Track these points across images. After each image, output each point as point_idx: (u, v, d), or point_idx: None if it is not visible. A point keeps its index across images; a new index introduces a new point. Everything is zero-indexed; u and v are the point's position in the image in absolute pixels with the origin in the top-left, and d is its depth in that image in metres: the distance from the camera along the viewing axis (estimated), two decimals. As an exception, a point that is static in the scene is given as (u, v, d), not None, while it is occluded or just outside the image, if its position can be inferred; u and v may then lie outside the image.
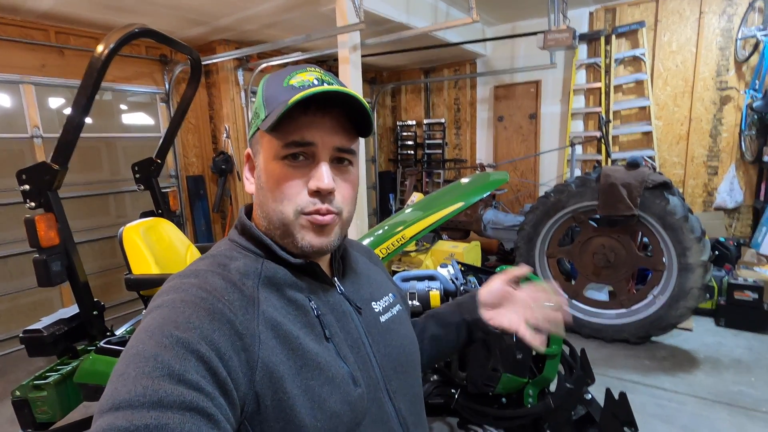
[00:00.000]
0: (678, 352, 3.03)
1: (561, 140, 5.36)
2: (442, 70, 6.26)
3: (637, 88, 4.86)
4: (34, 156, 3.49)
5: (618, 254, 3.13)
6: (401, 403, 0.67)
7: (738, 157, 4.45)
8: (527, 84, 5.54)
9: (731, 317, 3.31)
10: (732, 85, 4.39)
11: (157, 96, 4.40)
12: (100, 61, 1.68)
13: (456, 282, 1.67)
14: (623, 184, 2.89)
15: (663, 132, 4.79)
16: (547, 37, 3.81)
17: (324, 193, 0.60)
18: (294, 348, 0.56)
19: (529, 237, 3.37)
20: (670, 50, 4.65)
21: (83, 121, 1.76)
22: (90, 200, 3.94)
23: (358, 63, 3.44)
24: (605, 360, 2.95)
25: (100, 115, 3.99)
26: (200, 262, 0.62)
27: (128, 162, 3.92)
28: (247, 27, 4.04)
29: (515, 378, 1.57)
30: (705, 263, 2.82)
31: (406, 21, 3.93)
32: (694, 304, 2.88)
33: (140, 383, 0.43)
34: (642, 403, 2.46)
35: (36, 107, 3.50)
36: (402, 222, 2.23)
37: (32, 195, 1.79)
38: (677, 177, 4.76)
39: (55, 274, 1.79)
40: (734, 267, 3.72)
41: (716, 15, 4.37)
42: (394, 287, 0.82)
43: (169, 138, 2.51)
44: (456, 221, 4.39)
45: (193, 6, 3.40)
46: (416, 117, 6.63)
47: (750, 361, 2.87)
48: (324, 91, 0.57)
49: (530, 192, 5.71)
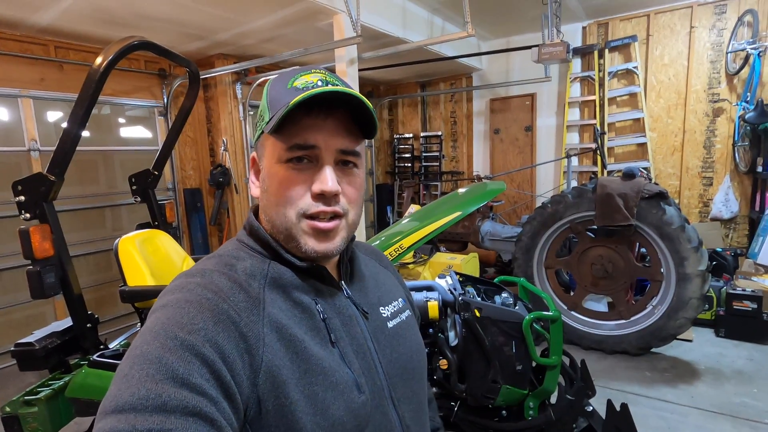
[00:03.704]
0: (679, 364, 3.00)
1: (557, 152, 5.41)
2: (438, 83, 6.33)
3: (631, 101, 4.92)
4: (31, 169, 3.49)
5: (616, 265, 3.12)
6: (405, 410, 0.66)
7: (732, 168, 4.49)
8: (523, 97, 5.61)
9: (731, 328, 3.29)
10: (724, 98, 4.46)
11: (155, 110, 4.43)
12: (99, 73, 1.69)
13: (454, 293, 1.66)
14: (620, 195, 2.91)
15: (657, 143, 4.84)
16: (542, 51, 3.87)
17: (328, 196, 0.59)
18: (298, 352, 0.55)
19: (527, 248, 3.36)
20: (663, 63, 4.73)
21: (80, 132, 1.76)
22: (86, 213, 3.92)
23: (355, 76, 3.47)
24: (606, 371, 2.92)
25: (98, 128, 4.00)
26: (207, 261, 0.61)
27: (125, 175, 3.91)
28: (245, 41, 4.09)
29: (515, 390, 1.55)
30: (703, 273, 2.82)
31: (402, 35, 3.99)
32: (693, 314, 2.86)
33: (144, 386, 0.43)
34: (644, 415, 2.42)
35: (34, 121, 3.51)
36: (400, 232, 2.22)
37: (27, 206, 1.78)
38: (673, 188, 4.79)
39: (49, 286, 1.77)
40: (732, 277, 3.72)
41: (706, 29, 4.46)
42: (404, 292, 0.81)
43: (167, 150, 2.52)
44: (454, 233, 4.39)
45: (192, 21, 3.44)
46: (413, 130, 6.68)
47: (751, 371, 2.84)
48: (325, 92, 0.56)
49: (527, 203, 5.73)
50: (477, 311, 1.55)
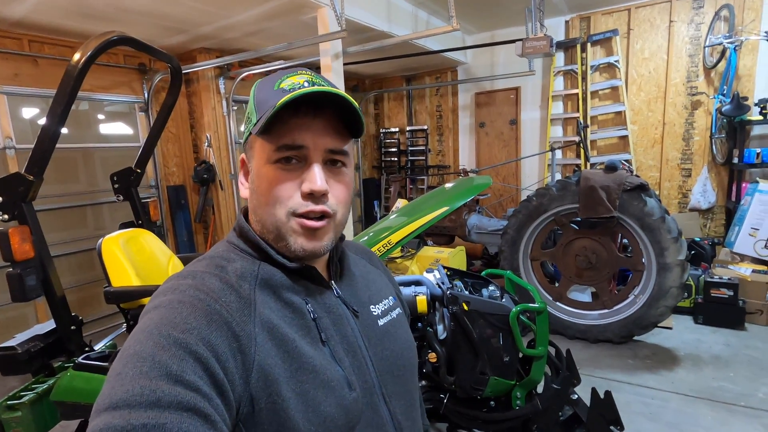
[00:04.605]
0: (660, 351, 3.10)
1: (541, 145, 5.47)
2: (423, 77, 6.33)
3: (613, 94, 5.00)
4: (7, 168, 3.38)
5: (599, 255, 3.19)
6: (397, 407, 0.67)
7: (710, 160, 4.61)
8: (507, 91, 5.65)
9: (709, 315, 3.41)
10: (702, 91, 4.56)
11: (135, 105, 4.32)
12: (77, 69, 1.64)
13: (442, 286, 1.68)
14: (602, 187, 2.96)
15: (638, 136, 4.94)
16: (526, 45, 3.90)
17: (317, 195, 0.60)
18: (289, 351, 0.56)
19: (513, 240, 3.41)
20: (643, 57, 4.81)
21: (59, 130, 1.71)
22: (67, 212, 3.82)
23: (340, 71, 3.45)
24: (590, 360, 2.99)
25: (77, 125, 3.90)
26: (198, 263, 0.62)
27: (106, 173, 3.84)
28: (228, 35, 4.01)
29: (503, 381, 1.58)
30: (682, 262, 2.90)
31: (387, 29, 3.97)
32: (673, 302, 2.95)
33: (138, 383, 0.43)
34: (627, 401, 2.50)
35: (8, 117, 3.39)
36: (388, 228, 2.23)
37: (5, 207, 1.73)
38: (653, 179, 4.90)
39: (30, 289, 1.73)
40: (710, 266, 3.84)
41: (685, 23, 4.55)
42: (394, 290, 0.82)
43: (149, 147, 2.47)
44: (441, 226, 4.42)
45: (173, 14, 3.36)
46: (399, 124, 6.68)
47: (728, 356, 2.95)
48: (312, 92, 0.57)
49: (513, 196, 5.79)
50: (465, 305, 1.58)
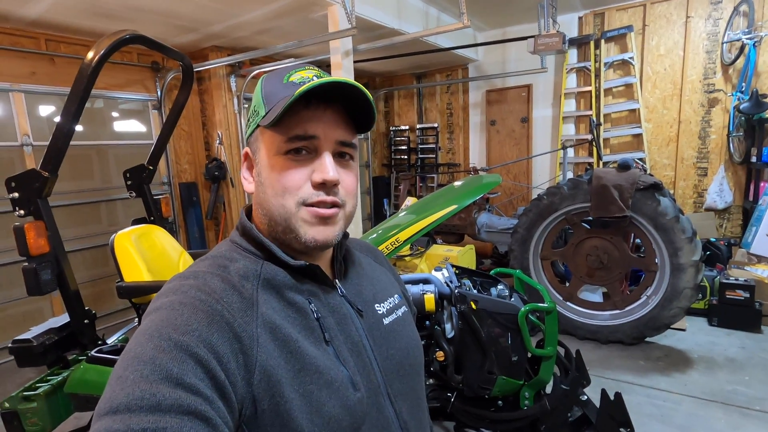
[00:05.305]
0: (672, 352, 3.04)
1: (553, 143, 5.41)
2: (434, 75, 6.30)
3: (627, 91, 4.92)
4: (24, 164, 3.46)
5: (611, 255, 3.15)
6: (402, 406, 0.66)
7: (726, 159, 4.51)
8: (519, 88, 5.59)
9: (724, 317, 3.34)
10: (719, 88, 4.46)
11: (149, 103, 4.38)
12: (91, 68, 1.67)
13: (451, 285, 1.67)
14: (615, 186, 2.92)
15: (653, 134, 4.85)
16: (538, 42, 3.85)
17: (329, 185, 0.60)
18: (292, 351, 0.56)
19: (523, 239, 3.38)
20: (658, 54, 4.71)
21: (73, 127, 1.74)
22: (81, 208, 3.89)
23: (350, 69, 3.45)
24: (600, 361, 2.96)
25: (91, 122, 3.96)
26: (201, 263, 0.62)
27: (120, 170, 3.89)
28: (238, 34, 4.04)
29: (511, 380, 1.57)
30: (697, 263, 2.84)
31: (397, 27, 3.95)
32: (687, 304, 2.90)
33: (138, 386, 0.43)
34: (638, 403, 2.46)
35: (26, 115, 3.47)
36: (396, 225, 2.23)
37: (21, 202, 1.77)
38: (668, 178, 4.81)
39: (45, 283, 1.77)
40: (726, 267, 3.76)
41: (702, 19, 4.45)
42: (399, 288, 0.81)
43: (161, 144, 2.50)
44: (450, 225, 4.40)
45: (185, 13, 3.40)
46: (409, 122, 6.66)
47: (743, 359, 2.89)
48: (329, 82, 0.57)
49: (523, 195, 5.74)
50: (473, 303, 1.57)
